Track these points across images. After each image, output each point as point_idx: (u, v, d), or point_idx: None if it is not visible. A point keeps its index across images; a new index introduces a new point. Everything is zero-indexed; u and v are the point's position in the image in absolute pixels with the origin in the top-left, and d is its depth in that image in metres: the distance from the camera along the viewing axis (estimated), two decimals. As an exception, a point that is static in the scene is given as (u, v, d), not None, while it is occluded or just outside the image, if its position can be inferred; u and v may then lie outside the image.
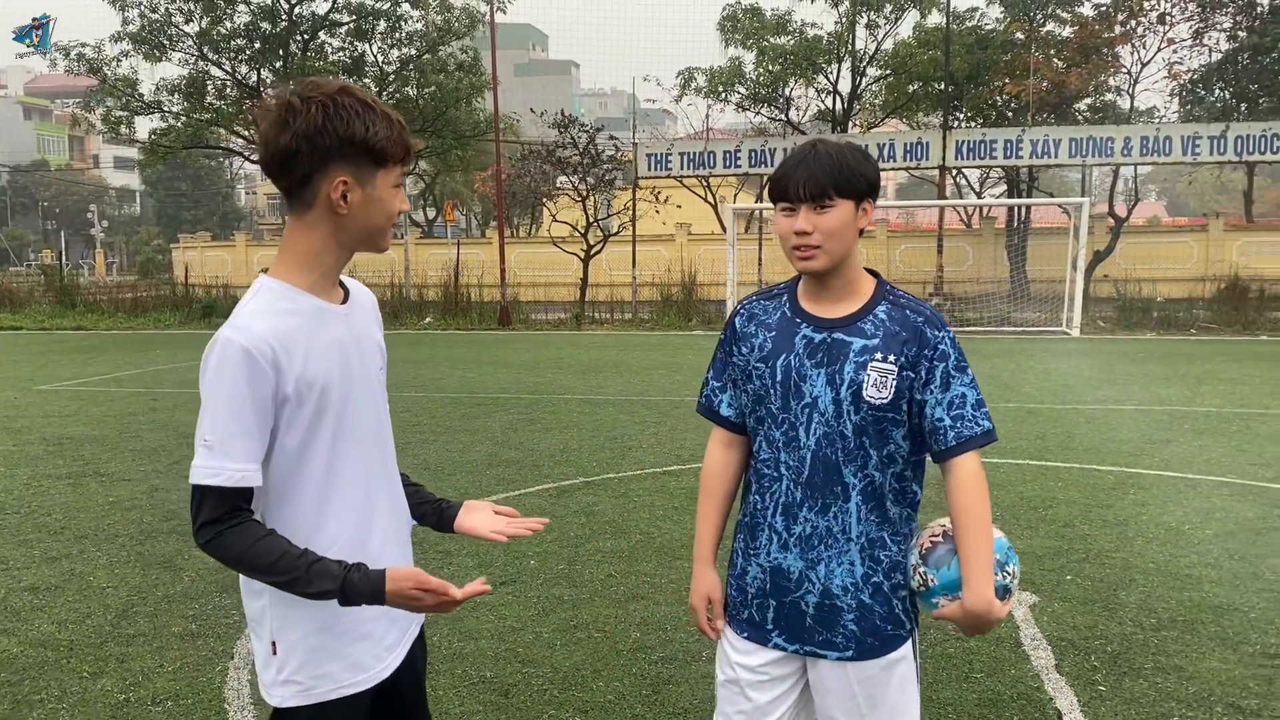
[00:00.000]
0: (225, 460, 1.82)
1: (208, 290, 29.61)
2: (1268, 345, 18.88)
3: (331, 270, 1.98)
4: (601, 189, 26.67)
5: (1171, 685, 4.04)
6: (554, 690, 4.05)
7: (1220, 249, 31.08)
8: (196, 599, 5.13)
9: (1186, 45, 27.19)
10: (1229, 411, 10.69)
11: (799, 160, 2.17)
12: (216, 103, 29.34)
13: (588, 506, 6.90)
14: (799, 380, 2.19)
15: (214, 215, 66.98)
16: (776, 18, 27.50)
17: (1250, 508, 6.75)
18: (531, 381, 13.65)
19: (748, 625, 2.31)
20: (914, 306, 2.21)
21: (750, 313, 2.33)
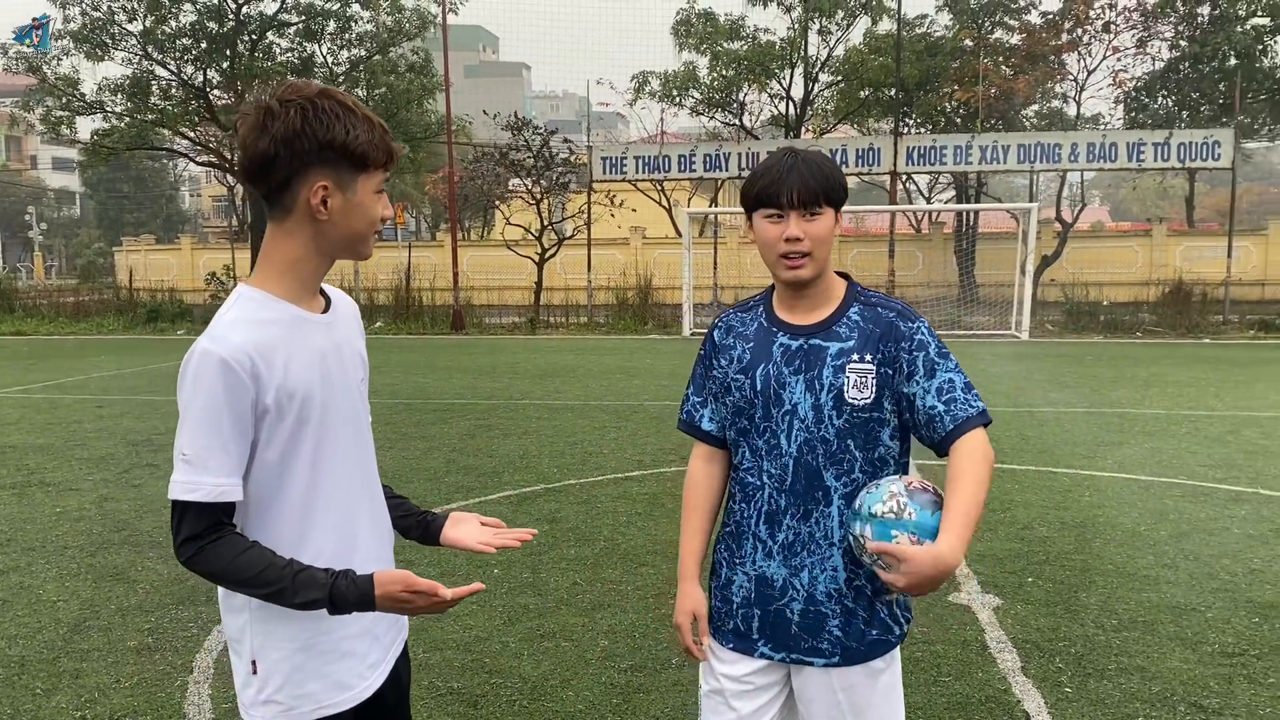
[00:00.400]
0: (204, 475, 1.77)
1: (153, 294, 29.04)
2: (1211, 348, 19.30)
3: (312, 278, 1.92)
4: (556, 192, 26.59)
5: (1135, 685, 4.09)
6: (523, 700, 4.01)
7: (1163, 253, 31.76)
8: (152, 612, 5.01)
9: (1130, 54, 27.75)
10: (1177, 413, 10.90)
11: (787, 168, 2.16)
12: (161, 103, 28.82)
13: (550, 513, 6.85)
14: (778, 388, 2.19)
15: (157, 218, 65.74)
16: (730, 23, 27.62)
17: (1202, 509, 6.87)
18: (488, 387, 13.55)
19: (733, 635, 2.29)
20: (885, 304, 2.22)
21: (728, 325, 2.34)
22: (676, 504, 7.03)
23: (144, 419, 10.96)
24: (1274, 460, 8.38)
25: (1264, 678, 4.15)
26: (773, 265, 2.21)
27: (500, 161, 25.83)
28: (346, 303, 2.09)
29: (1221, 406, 11.37)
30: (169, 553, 5.97)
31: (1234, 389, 12.91)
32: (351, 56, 29.50)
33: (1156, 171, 29.36)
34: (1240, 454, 8.65)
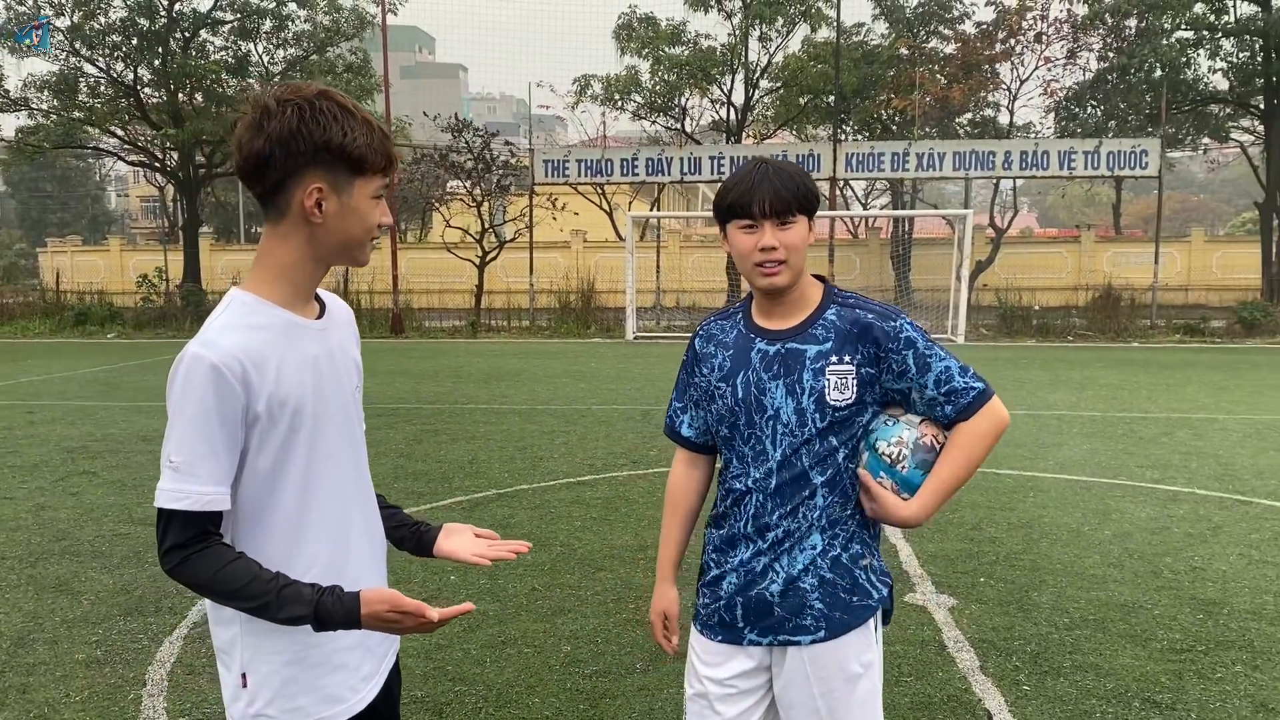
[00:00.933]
0: (191, 483, 1.72)
1: (81, 297, 28.28)
2: (1140, 351, 19.84)
3: (306, 283, 1.88)
4: (496, 195, 26.45)
5: (1090, 683, 4.18)
6: (489, 708, 3.97)
7: (1092, 259, 32.61)
8: (99, 624, 4.87)
9: (1061, 64, 28.43)
10: (1113, 415, 11.18)
11: (759, 178, 2.18)
12: (90, 101, 28.13)
13: (503, 519, 6.80)
14: (759, 395, 2.22)
15: (83, 218, 64.08)
16: (671, 28, 27.74)
17: (1143, 508, 7.06)
18: (432, 391, 13.42)
19: (720, 628, 2.30)
20: (862, 304, 2.24)
21: (708, 334, 2.36)
22: (631, 508, 7.06)
23: (78, 425, 10.66)
24: (1207, 461, 8.63)
25: (1212, 673, 4.27)
26: (749, 274, 2.23)
27: (440, 163, 25.62)
28: (341, 308, 2.06)
29: (1154, 409, 11.69)
30: (113, 563, 5.82)
31: (1165, 391, 13.29)
32: (288, 56, 29.10)
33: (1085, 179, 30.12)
34: (1175, 455, 8.90)
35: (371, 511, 2.05)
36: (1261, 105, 26.76)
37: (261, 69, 29.04)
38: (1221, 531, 6.45)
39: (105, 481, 7.97)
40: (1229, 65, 26.70)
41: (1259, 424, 10.56)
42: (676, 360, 11.79)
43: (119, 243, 40.90)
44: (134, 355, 19.33)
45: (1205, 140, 30.07)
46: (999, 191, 31.06)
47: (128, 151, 31.30)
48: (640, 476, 8.06)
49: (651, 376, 15.16)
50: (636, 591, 5.34)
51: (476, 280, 26.76)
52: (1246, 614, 4.97)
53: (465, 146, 25.63)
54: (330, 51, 28.97)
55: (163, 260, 29.82)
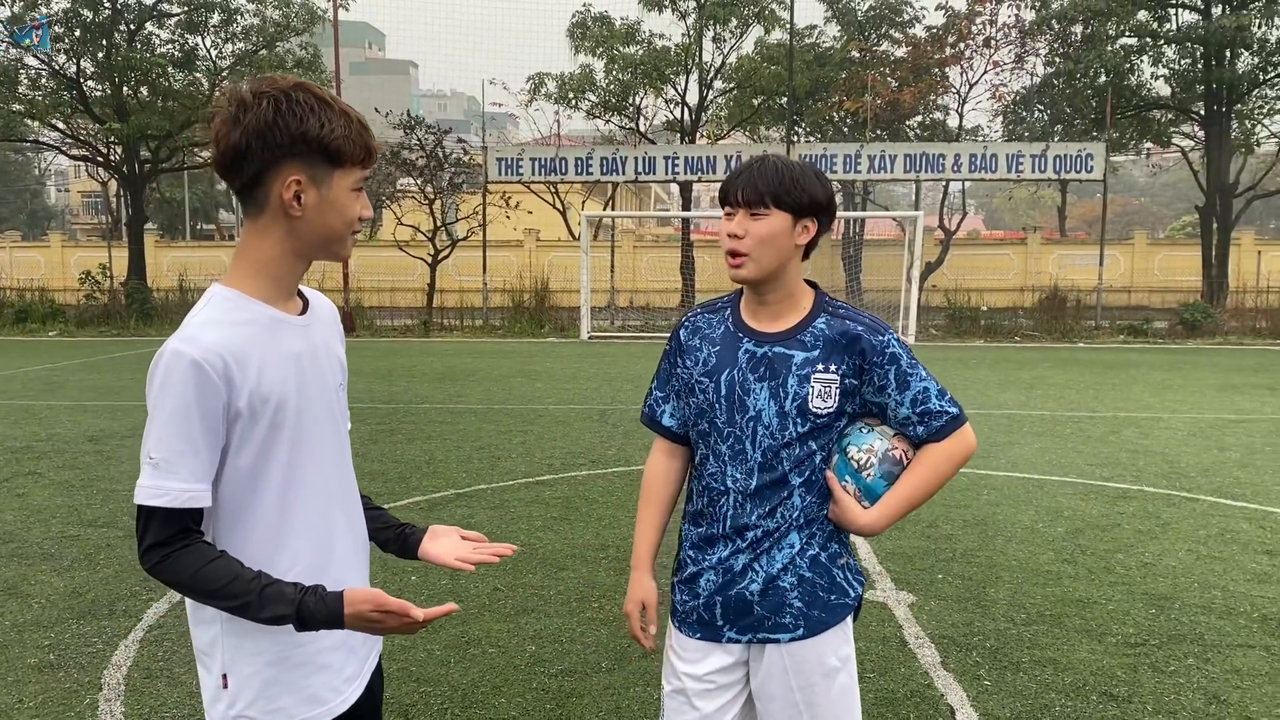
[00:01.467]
0: (171, 479, 1.70)
1: (21, 294, 27.61)
2: (1085, 352, 20.22)
3: (287, 278, 1.85)
4: (449, 193, 26.27)
5: (1049, 677, 4.26)
6: (455, 709, 3.95)
7: (1038, 261, 33.17)
8: (50, 627, 4.76)
9: (1009, 69, 28.88)
10: (1061, 415, 11.38)
11: (744, 168, 2.21)
12: (30, 93, 27.46)
13: (463, 519, 6.76)
14: (743, 394, 2.22)
15: (21, 213, 62.61)
16: (626, 27, 27.74)
17: (1094, 505, 7.20)
18: (386, 390, 13.30)
19: (699, 626, 2.31)
20: (852, 316, 2.25)
21: (694, 326, 2.36)
22: (591, 508, 7.06)
23: (21, 425, 10.42)
24: (1154, 459, 8.82)
25: (1166, 666, 4.36)
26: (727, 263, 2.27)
27: (391, 160, 25.39)
28: (325, 305, 2.03)
29: (1101, 408, 11.92)
30: (63, 565, 5.70)
31: (1111, 391, 13.56)
32: (236, 50, 28.62)
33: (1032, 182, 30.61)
34: (1123, 453, 9.08)
35: (355, 511, 2.03)
36: (1202, 111, 27.38)
37: (209, 63, 28.55)
38: (1170, 528, 6.60)
39: (52, 482, 7.79)
40: (1171, 72, 27.28)
41: (1202, 423, 10.81)
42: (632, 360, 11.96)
43: (60, 239, 40.02)
44: (78, 354, 18.91)
45: (1148, 145, 30.69)
46: (947, 194, 31.48)
47: (70, 146, 30.60)
48: (599, 476, 8.05)
49: (608, 376, 15.15)
50: (599, 591, 5.33)
51: (428, 279, 26.56)
52: (1196, 608, 5.09)
53: (418, 144, 25.42)
54: (280, 47, 28.55)
55: (106, 257, 29.23)
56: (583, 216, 24.22)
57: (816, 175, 2.22)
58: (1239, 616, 4.97)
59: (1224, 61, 25.93)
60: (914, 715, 3.91)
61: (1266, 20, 25.28)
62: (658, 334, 23.84)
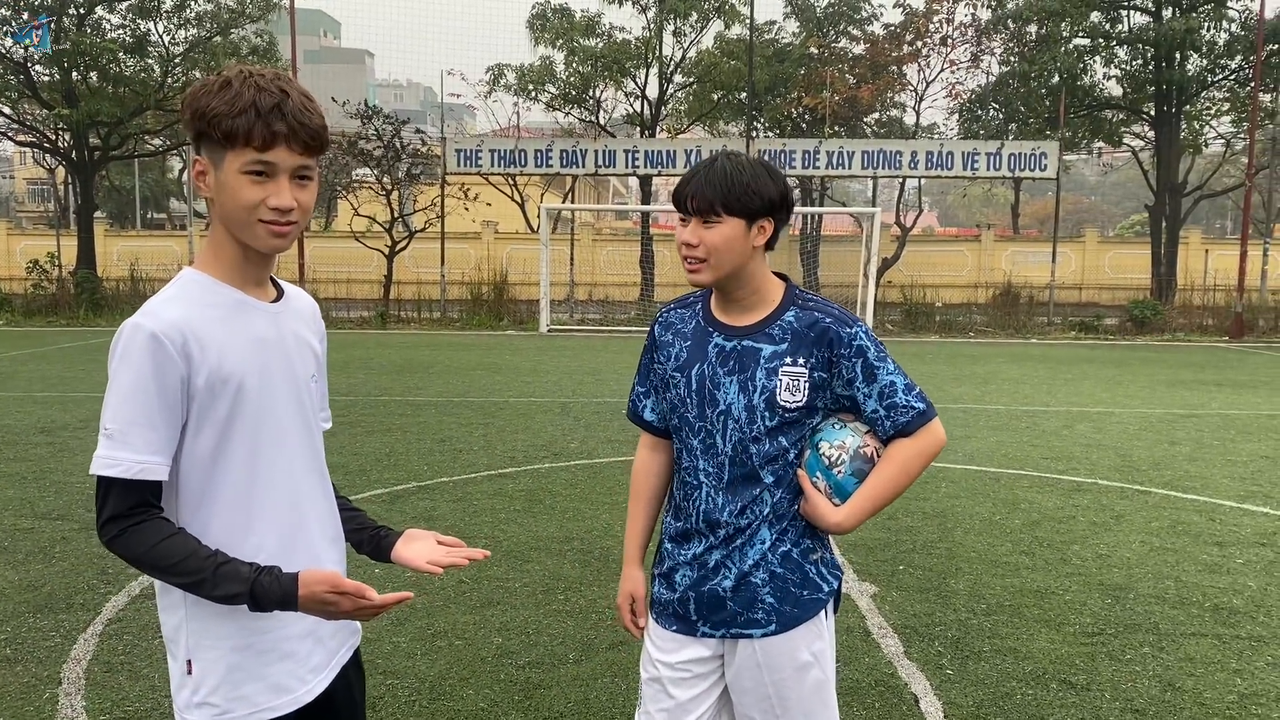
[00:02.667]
0: (125, 450, 1.71)
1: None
2: (1038, 347, 20.53)
3: (241, 263, 1.84)
4: (406, 184, 26.06)
5: (1010, 665, 4.34)
6: (422, 701, 3.94)
7: (992, 258, 33.60)
8: (6, 621, 4.68)
9: (965, 67, 29.22)
10: (1016, 409, 11.56)
11: (694, 173, 2.19)
12: (-25, 78, 26.85)
13: (425, 512, 6.73)
14: (713, 388, 2.23)
15: (-36, 200, 61.19)
16: (586, 19, 27.68)
17: (1049, 498, 7.32)
18: (343, 382, 13.18)
19: (675, 619, 2.33)
20: (822, 308, 2.25)
21: (667, 321, 2.37)
22: (554, 500, 7.06)
23: (-31, 416, 10.20)
24: (1107, 453, 8.99)
25: (1122, 654, 4.46)
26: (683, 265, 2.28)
27: (348, 150, 25.13)
28: (305, 299, 2.04)
29: (1055, 403, 12.13)
30: (17, 559, 5.59)
31: (1064, 386, 13.79)
32: (189, 36, 28.17)
33: (986, 180, 31.00)
34: (1077, 447, 9.25)
35: (328, 506, 2.02)
36: (1152, 111, 27.90)
37: (161, 49, 28.07)
38: (1124, 520, 6.73)
39: (3, 475, 7.64)
40: (1122, 72, 27.78)
41: (1152, 417, 11.03)
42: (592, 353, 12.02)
43: (5, 226, 39.12)
44: (26, 344, 18.53)
45: (1099, 144, 31.22)
46: (904, 191, 31.80)
47: (17, 131, 29.94)
48: (562, 469, 8.05)
49: (568, 369, 15.14)
50: (565, 583, 5.34)
51: (385, 270, 26.35)
52: (1150, 598, 5.20)
53: (375, 134, 25.18)
54: (234, 33, 28.15)
55: (54, 245, 28.64)
56: (541, 209, 24.15)
57: (769, 173, 2.19)
58: (1191, 606, 5.09)
59: (1174, 63, 26.45)
60: (879, 704, 3.97)
61: (1215, 23, 25.81)
62: (617, 327, 23.85)
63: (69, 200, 38.36)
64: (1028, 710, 3.92)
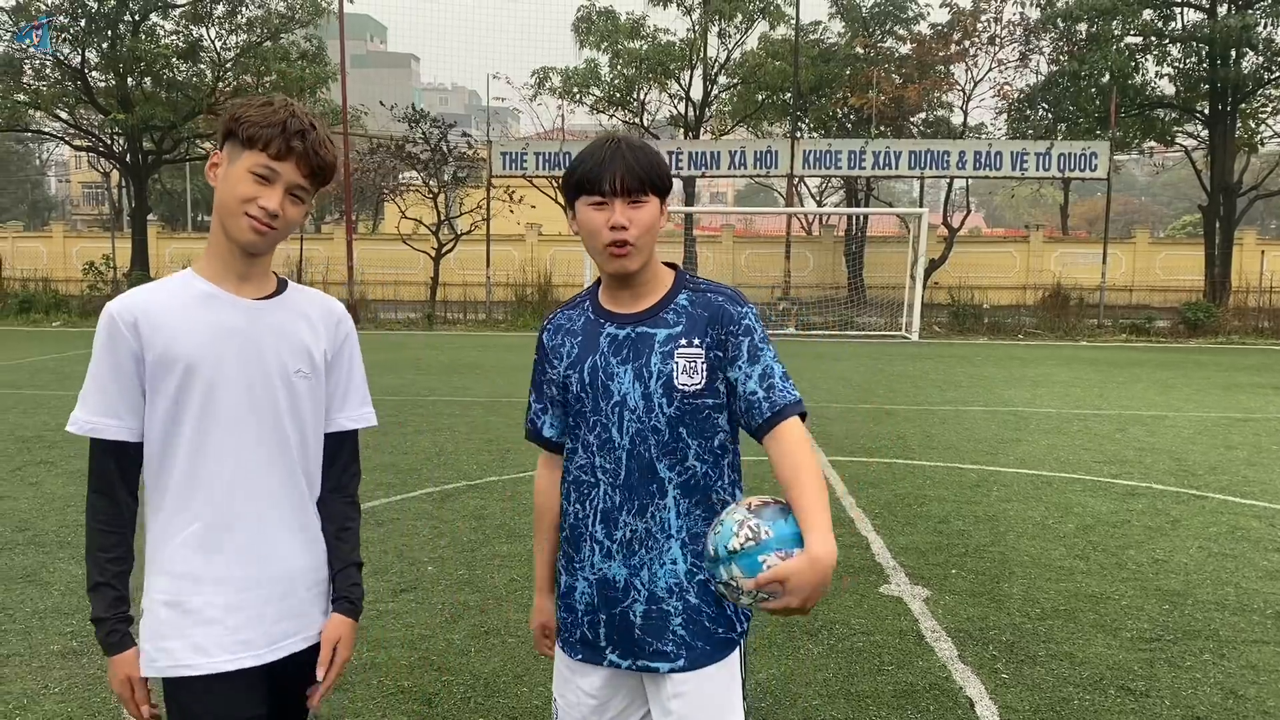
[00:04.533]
0: (81, 410, 1.96)
1: (24, 284, 27.61)
2: (1088, 350, 20.25)
3: (230, 259, 2.01)
4: (453, 186, 26.28)
5: (1066, 671, 4.29)
6: (477, 698, 3.98)
7: (1040, 259, 33.18)
8: (71, 615, 4.79)
9: (1013, 66, 28.88)
10: (1068, 412, 11.41)
11: (610, 154, 2.07)
12: (35, 84, 27.47)
13: (476, 510, 6.79)
14: (606, 379, 2.13)
15: (22, 203, 62.57)
16: (631, 22, 27.73)
17: (1102, 502, 7.23)
18: (393, 383, 13.33)
19: (581, 646, 2.20)
20: (714, 289, 2.18)
21: (556, 325, 2.26)
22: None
23: (30, 414, 10.44)
24: (1161, 457, 8.85)
25: (1182, 661, 4.39)
26: (598, 254, 2.13)
27: (395, 154, 25.40)
28: (317, 300, 2.15)
29: (1107, 406, 11.96)
30: (79, 554, 5.69)
31: (1116, 389, 13.59)
32: (240, 42, 28.61)
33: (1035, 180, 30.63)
34: (1130, 451, 9.11)
35: (295, 497, 2.08)
36: (1206, 110, 27.41)
37: (213, 55, 28.55)
38: (1180, 525, 6.63)
39: (64, 471, 7.81)
40: (1175, 71, 27.31)
41: (1207, 421, 10.85)
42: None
43: (62, 229, 39.99)
44: (82, 344, 18.93)
45: (1151, 144, 30.72)
46: (951, 191, 31.51)
47: (74, 136, 30.60)
48: (609, 469, 8.07)
49: (612, 370, 15.16)
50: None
51: (432, 272, 26.57)
52: (1210, 604, 5.12)
53: (422, 137, 25.41)
54: (284, 38, 28.56)
55: (109, 247, 29.22)
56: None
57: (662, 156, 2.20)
58: (1253, 613, 5.00)
59: (1229, 61, 25.96)
60: (934, 708, 3.94)
61: (1272, 20, 25.30)
62: (661, 329, 23.82)
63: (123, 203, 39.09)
64: (1086, 716, 3.88)
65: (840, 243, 33.16)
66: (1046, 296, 25.71)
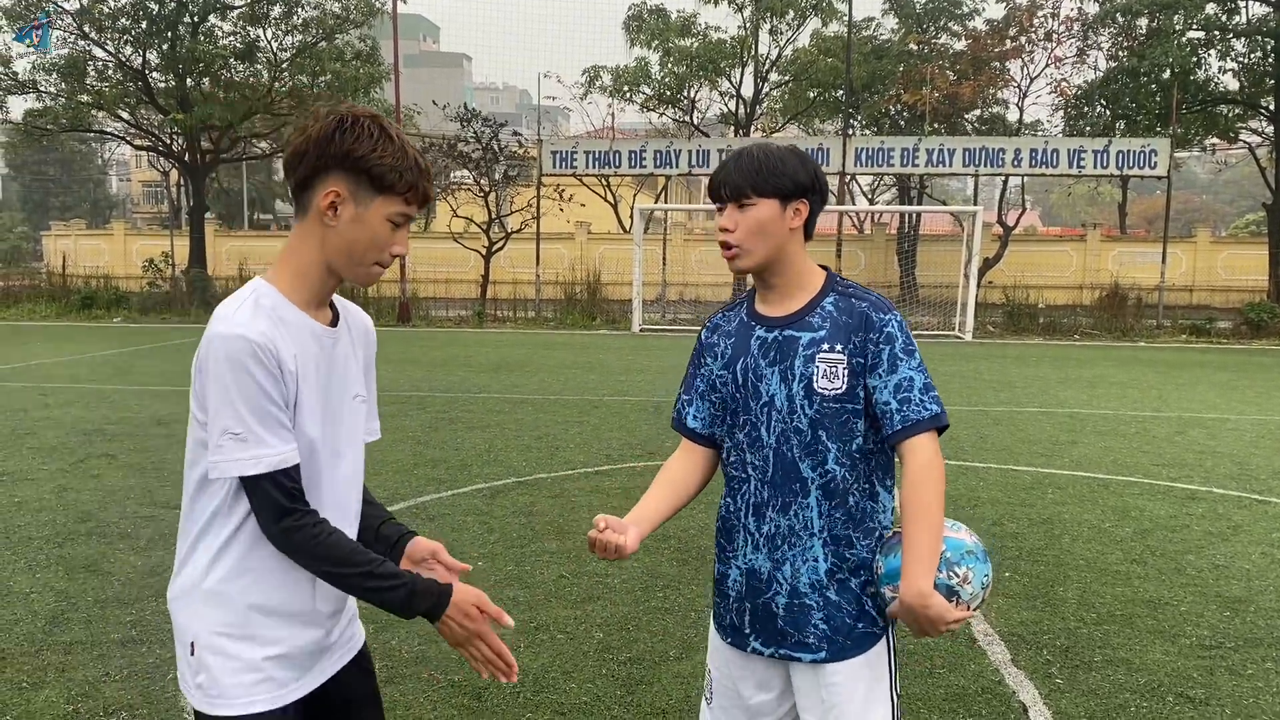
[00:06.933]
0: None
1: (86, 281, 28.25)
2: (1146, 351, 19.86)
3: (319, 286, 1.94)
4: (503, 185, 26.44)
5: (1122, 677, 4.21)
6: (527, 693, 4.00)
7: (1097, 258, 32.61)
8: (131, 604, 4.89)
9: (1070, 62, 28.40)
10: (1125, 414, 11.20)
11: (730, 161, 2.23)
12: (98, 85, 28.09)
13: (525, 507, 6.82)
14: (756, 380, 2.23)
15: (85, 202, 64.01)
16: (682, 19, 27.70)
17: (1161, 506, 7.08)
18: (444, 380, 13.44)
19: (731, 630, 2.33)
20: (860, 294, 2.23)
21: (714, 325, 2.39)
22: (652, 498, 7.06)
23: (93, 408, 10.67)
24: (1222, 460, 8.65)
25: (1243, 669, 4.29)
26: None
27: (448, 153, 25.61)
28: (360, 318, 2.13)
29: (1166, 408, 11.72)
30: (140, 544, 5.85)
31: (1176, 391, 13.31)
32: (296, 42, 29.02)
33: (1093, 178, 30.10)
34: (1190, 454, 8.92)
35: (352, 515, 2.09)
36: (1271, 106, 26.75)
37: (269, 55, 28.99)
38: (1242, 530, 6.48)
39: (125, 464, 7.98)
40: (1239, 66, 26.68)
41: (1271, 424, 10.58)
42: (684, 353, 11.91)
43: (123, 227, 40.87)
44: (142, 339, 19.34)
45: (1213, 141, 30.03)
46: (1006, 189, 31.07)
47: (135, 136, 31.24)
48: (656, 468, 8.03)
49: (661, 369, 15.18)
50: (663, 580, 5.36)
51: (482, 270, 26.76)
52: (1273, 612, 4.99)
53: (474, 136, 25.60)
54: (339, 39, 28.92)
55: (167, 245, 29.80)
56: (635, 209, 24.23)
57: (798, 157, 2.22)
58: (1317, 621, 4.87)
59: (1295, 55, 25.30)
60: (986, 711, 3.89)
61: (1341, 13, 24.63)
62: (710, 327, 23.76)
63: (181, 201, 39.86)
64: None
65: (892, 241, 32.86)
66: (1104, 296, 25.24)
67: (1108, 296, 25.06)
